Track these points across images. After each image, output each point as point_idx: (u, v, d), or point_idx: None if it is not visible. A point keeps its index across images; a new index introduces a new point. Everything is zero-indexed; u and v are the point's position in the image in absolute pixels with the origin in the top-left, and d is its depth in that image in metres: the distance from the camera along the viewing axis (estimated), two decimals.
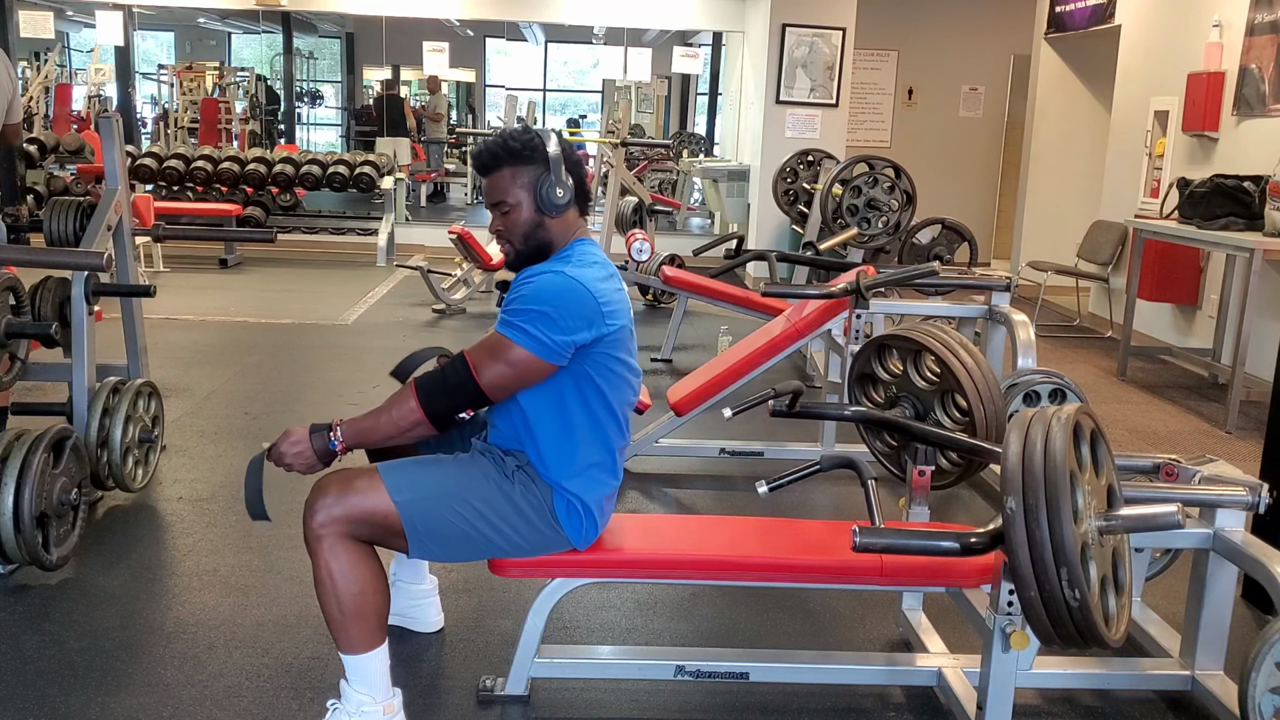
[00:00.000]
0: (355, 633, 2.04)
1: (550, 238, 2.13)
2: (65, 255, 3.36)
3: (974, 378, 2.69)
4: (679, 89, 13.36)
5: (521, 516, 2.12)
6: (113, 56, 11.57)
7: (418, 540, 2.07)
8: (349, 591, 2.01)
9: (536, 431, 2.13)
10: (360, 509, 2.02)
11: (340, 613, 2.02)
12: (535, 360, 2.02)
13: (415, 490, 2.06)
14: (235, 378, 5.05)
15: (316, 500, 2.03)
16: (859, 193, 6.12)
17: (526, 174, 2.10)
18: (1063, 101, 8.70)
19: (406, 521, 2.04)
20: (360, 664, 2.06)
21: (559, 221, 2.13)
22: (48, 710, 2.24)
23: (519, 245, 2.14)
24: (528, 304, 2.03)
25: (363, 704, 2.07)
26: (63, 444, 2.84)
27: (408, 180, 10.78)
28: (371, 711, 2.07)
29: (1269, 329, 5.33)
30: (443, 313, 6.86)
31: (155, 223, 6.36)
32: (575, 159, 2.16)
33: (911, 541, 1.95)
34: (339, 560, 2.00)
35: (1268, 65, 5.66)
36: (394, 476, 2.07)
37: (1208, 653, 2.42)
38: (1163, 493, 2.29)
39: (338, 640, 2.06)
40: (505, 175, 2.10)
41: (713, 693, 2.42)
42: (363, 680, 2.07)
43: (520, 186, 2.10)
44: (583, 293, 2.04)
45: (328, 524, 2.00)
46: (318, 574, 2.02)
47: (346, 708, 2.08)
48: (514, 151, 2.09)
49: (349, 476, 2.06)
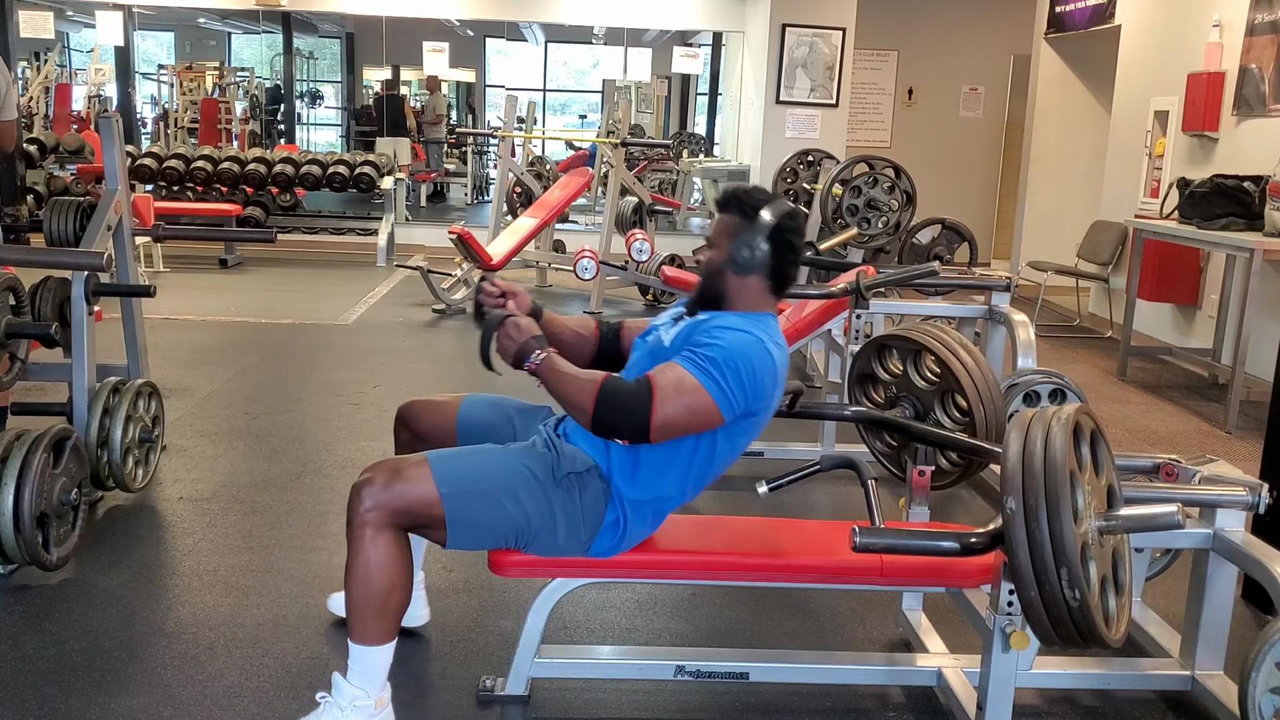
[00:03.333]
0: (374, 625, 2.05)
1: (727, 292, 2.20)
2: (65, 255, 3.36)
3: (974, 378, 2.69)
4: (679, 89, 13.36)
5: (554, 520, 2.13)
6: (113, 56, 11.56)
7: (457, 531, 2.09)
8: (381, 584, 2.03)
9: (641, 449, 2.15)
10: (406, 499, 2.04)
11: (366, 603, 2.03)
12: (714, 412, 2.06)
13: (461, 483, 2.08)
14: (235, 378, 5.05)
15: (364, 487, 2.04)
16: (859, 193, 6.12)
17: (738, 227, 2.18)
18: (1063, 101, 8.70)
19: (450, 514, 2.06)
20: (369, 656, 2.07)
21: (741, 283, 2.19)
22: (48, 710, 2.24)
23: (701, 284, 2.24)
24: (728, 357, 2.05)
25: (356, 698, 2.07)
26: (63, 444, 2.84)
27: (408, 180, 10.78)
28: (364, 706, 2.07)
29: (1269, 329, 5.33)
30: (443, 313, 6.86)
31: (155, 223, 6.36)
32: (793, 244, 2.20)
33: (911, 541, 1.95)
34: (378, 552, 2.02)
35: (1268, 65, 5.66)
36: (442, 467, 2.08)
37: (1208, 653, 2.42)
38: (1163, 493, 2.29)
39: (354, 629, 2.06)
40: (726, 219, 2.22)
41: (713, 693, 2.42)
42: (364, 672, 2.07)
43: (727, 234, 2.19)
44: (774, 370, 2.13)
45: (373, 510, 2.02)
46: (354, 561, 2.03)
47: (339, 701, 2.07)
48: (742, 204, 2.19)
49: (398, 465, 2.09)
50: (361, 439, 4.16)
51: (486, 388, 2.64)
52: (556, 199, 7.57)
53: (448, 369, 5.49)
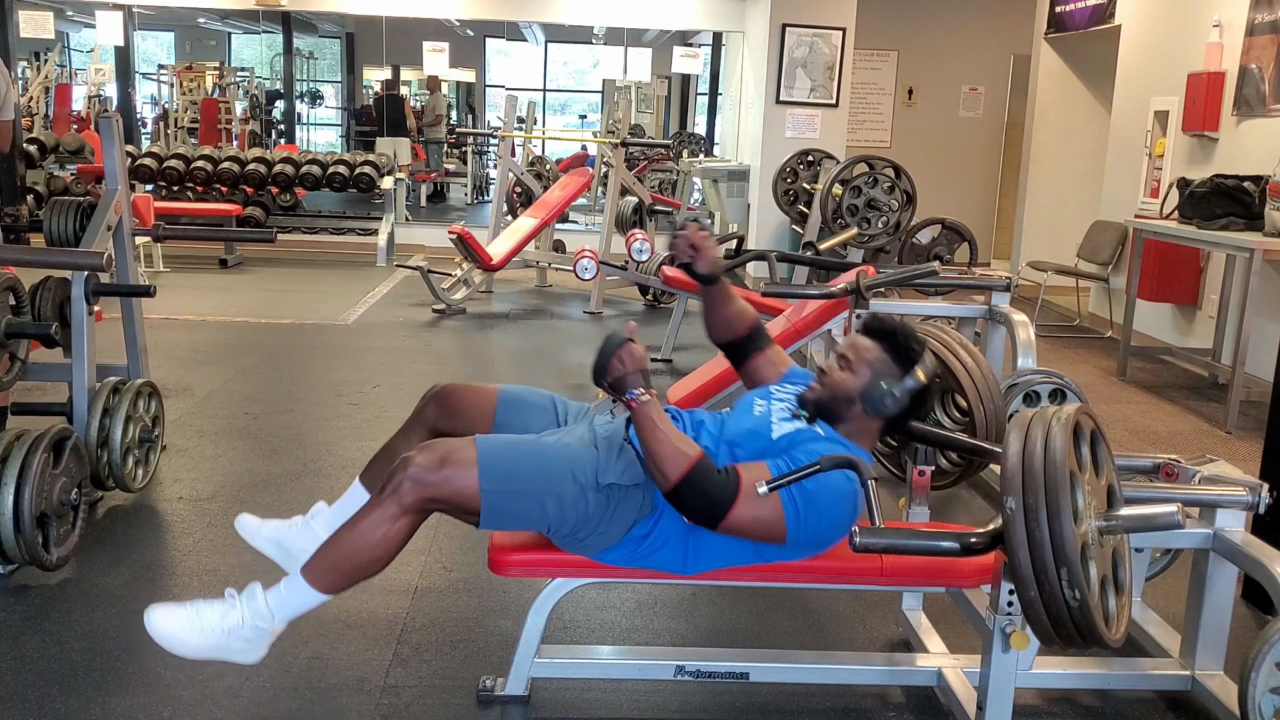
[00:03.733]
0: (337, 577, 2.07)
1: (845, 417, 2.19)
2: (65, 255, 3.36)
3: (974, 378, 2.70)
4: (679, 89, 13.36)
5: (587, 522, 2.12)
6: (113, 56, 11.56)
7: (490, 520, 2.10)
8: (373, 555, 2.05)
9: None
10: (448, 488, 2.04)
11: (348, 559, 2.05)
12: (780, 534, 2.06)
13: (504, 480, 2.07)
14: (235, 378, 5.05)
15: (411, 464, 2.04)
16: (859, 193, 6.12)
17: (887, 370, 2.17)
18: (1063, 101, 8.70)
19: (486, 507, 2.07)
20: (306, 596, 2.07)
21: (862, 419, 2.18)
22: (48, 710, 2.24)
23: (823, 393, 2.20)
24: (818, 492, 2.04)
25: (261, 616, 2.05)
26: (63, 444, 2.84)
27: (408, 180, 10.78)
28: (264, 628, 2.06)
29: (1269, 329, 5.33)
30: (443, 313, 6.86)
31: (155, 223, 6.35)
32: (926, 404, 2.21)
33: (911, 541, 1.95)
34: (393, 528, 2.04)
35: (1268, 65, 5.66)
36: (489, 460, 2.08)
37: (1208, 653, 2.42)
38: (1163, 493, 2.29)
39: (315, 568, 2.07)
40: (876, 354, 2.18)
41: (713, 693, 2.42)
42: (289, 604, 2.08)
43: (871, 367, 2.18)
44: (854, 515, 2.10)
45: (413, 490, 2.02)
46: (364, 522, 2.04)
47: (244, 610, 2.05)
48: (901, 352, 2.18)
49: (449, 451, 2.08)
50: (361, 439, 4.16)
51: None
52: (556, 199, 7.57)
53: (448, 369, 5.49)
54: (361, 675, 2.43)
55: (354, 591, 2.81)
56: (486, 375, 5.27)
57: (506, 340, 6.29)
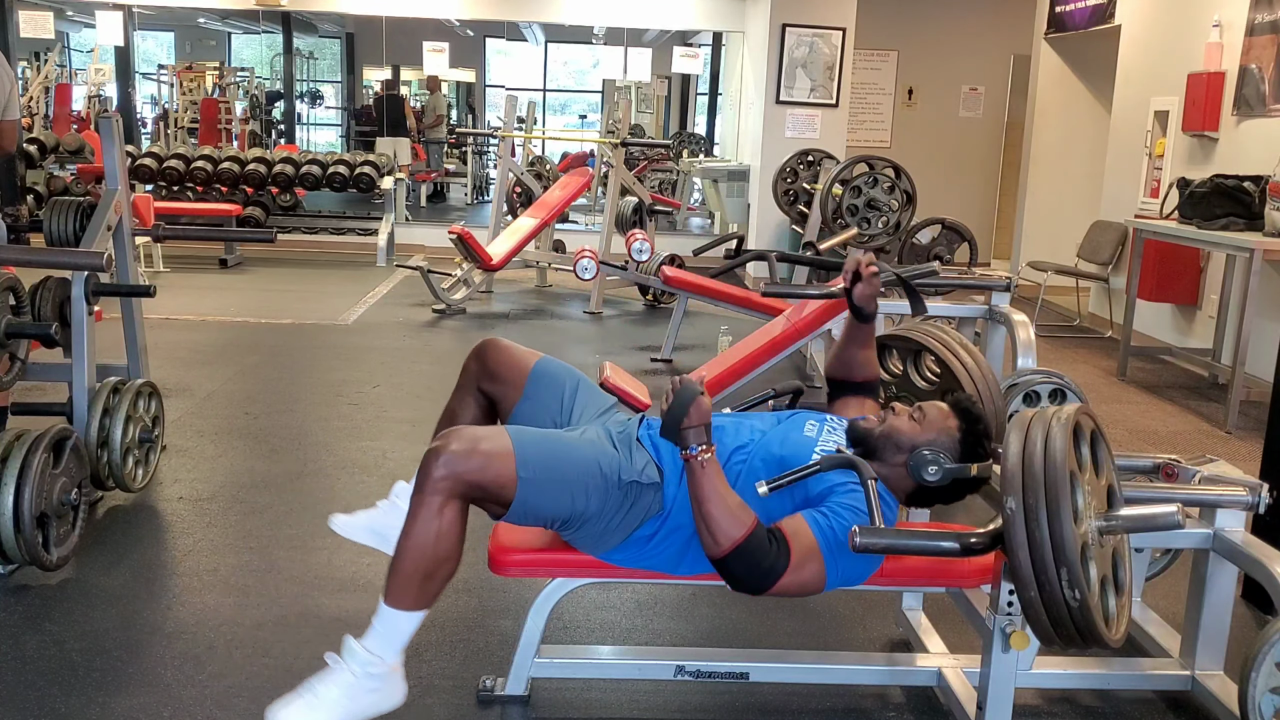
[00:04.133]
0: (416, 590, 2.02)
1: (887, 461, 2.16)
2: (65, 255, 3.36)
3: (974, 378, 2.70)
4: (679, 89, 13.35)
5: (603, 518, 2.11)
6: (113, 56, 11.56)
7: (519, 512, 2.07)
8: (438, 554, 2.00)
9: None
10: (485, 475, 2.00)
11: (416, 568, 2.00)
12: (819, 588, 2.03)
13: (541, 469, 2.05)
14: (235, 378, 5.05)
15: (440, 454, 1.99)
16: (859, 193, 6.12)
17: (950, 442, 2.15)
18: (1063, 101, 8.70)
19: (520, 497, 2.04)
20: (398, 620, 2.03)
21: (900, 473, 2.16)
22: (48, 710, 2.24)
23: (880, 430, 2.18)
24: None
25: (370, 663, 2.02)
26: (63, 444, 2.84)
27: (408, 180, 10.78)
28: (378, 671, 2.03)
29: (1269, 329, 5.33)
30: (443, 313, 6.86)
31: (155, 223, 6.35)
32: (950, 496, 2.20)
33: (911, 541, 1.95)
34: (443, 521, 1.99)
35: (1268, 65, 5.66)
36: (525, 450, 2.05)
37: (1208, 653, 2.42)
38: (1163, 493, 2.29)
39: (392, 591, 2.02)
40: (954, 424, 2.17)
41: (713, 693, 2.42)
42: (387, 635, 2.03)
43: (937, 432, 2.16)
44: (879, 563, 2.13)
45: (447, 479, 1.98)
46: (415, 525, 1.99)
47: (351, 665, 2.02)
48: (973, 434, 2.16)
49: (479, 437, 2.04)
50: (362, 439, 4.16)
51: None
52: (556, 199, 7.57)
53: (448, 369, 5.48)
54: None
55: (354, 592, 2.84)
56: None
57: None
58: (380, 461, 3.90)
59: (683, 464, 2.02)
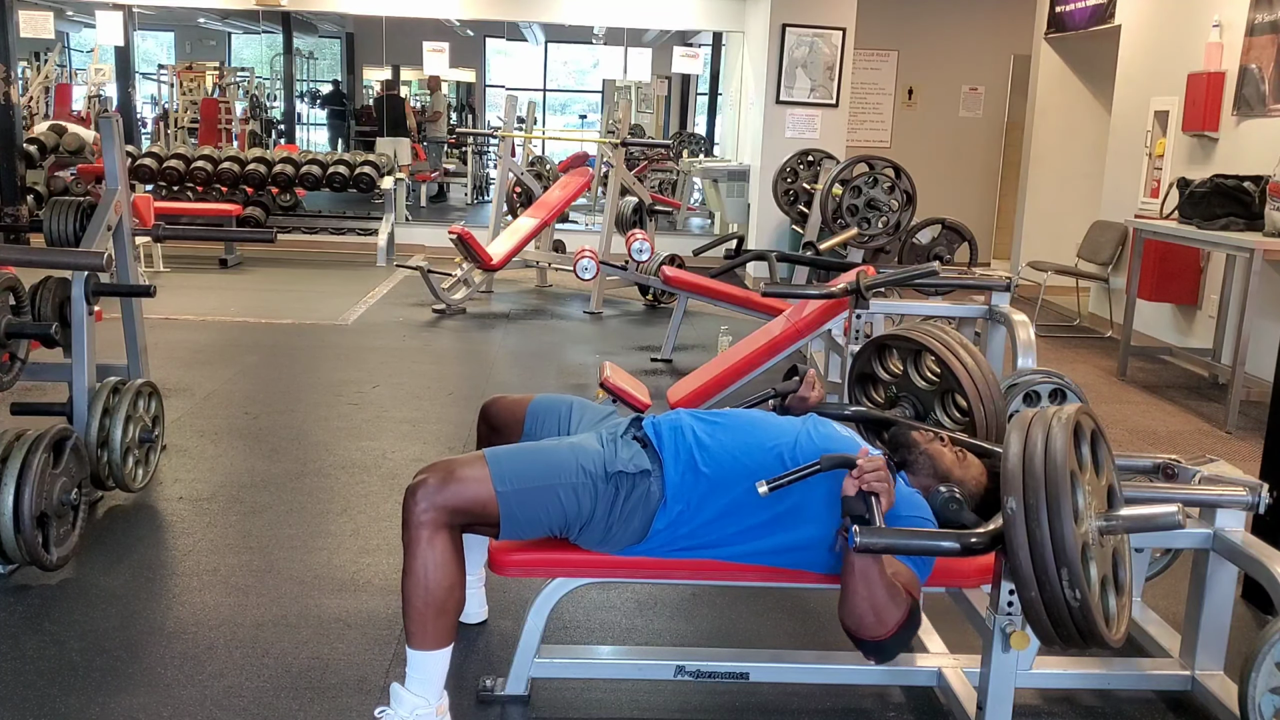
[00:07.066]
0: (434, 627, 2.04)
1: (918, 475, 2.24)
2: (65, 255, 3.36)
3: (974, 378, 2.70)
4: (679, 89, 13.36)
5: (603, 513, 2.12)
6: (113, 56, 11.55)
7: (510, 527, 2.10)
8: (440, 585, 2.02)
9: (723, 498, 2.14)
10: (462, 498, 2.04)
11: (425, 605, 2.02)
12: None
13: (518, 480, 2.08)
14: (235, 378, 5.05)
15: (419, 489, 2.03)
16: (859, 193, 6.12)
17: (975, 488, 2.23)
18: (1063, 101, 8.70)
19: (504, 511, 2.06)
20: (428, 661, 2.05)
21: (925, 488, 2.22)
22: (48, 710, 2.23)
23: (924, 445, 2.28)
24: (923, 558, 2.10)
25: (417, 707, 2.04)
26: (63, 444, 2.84)
27: (408, 180, 10.78)
28: (425, 715, 2.05)
29: (1269, 329, 5.33)
30: (443, 313, 6.86)
31: (155, 223, 6.36)
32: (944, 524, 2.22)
33: (911, 541, 1.95)
34: (435, 552, 2.01)
35: (1268, 65, 5.66)
36: (499, 465, 2.09)
37: (1208, 653, 2.42)
38: (1163, 493, 2.29)
39: (412, 634, 2.05)
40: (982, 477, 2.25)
41: (713, 693, 2.42)
42: (423, 679, 2.06)
43: (965, 479, 2.23)
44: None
45: (429, 511, 2.01)
46: (411, 564, 2.02)
47: (400, 713, 2.05)
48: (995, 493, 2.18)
49: (452, 465, 2.09)
50: (361, 439, 4.16)
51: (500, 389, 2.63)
52: (556, 199, 7.57)
53: (448, 369, 5.49)
54: (361, 675, 2.43)
55: (354, 592, 2.84)
56: (487, 376, 5.26)
57: (506, 340, 6.29)
58: (380, 461, 3.91)
59: (711, 469, 2.10)
